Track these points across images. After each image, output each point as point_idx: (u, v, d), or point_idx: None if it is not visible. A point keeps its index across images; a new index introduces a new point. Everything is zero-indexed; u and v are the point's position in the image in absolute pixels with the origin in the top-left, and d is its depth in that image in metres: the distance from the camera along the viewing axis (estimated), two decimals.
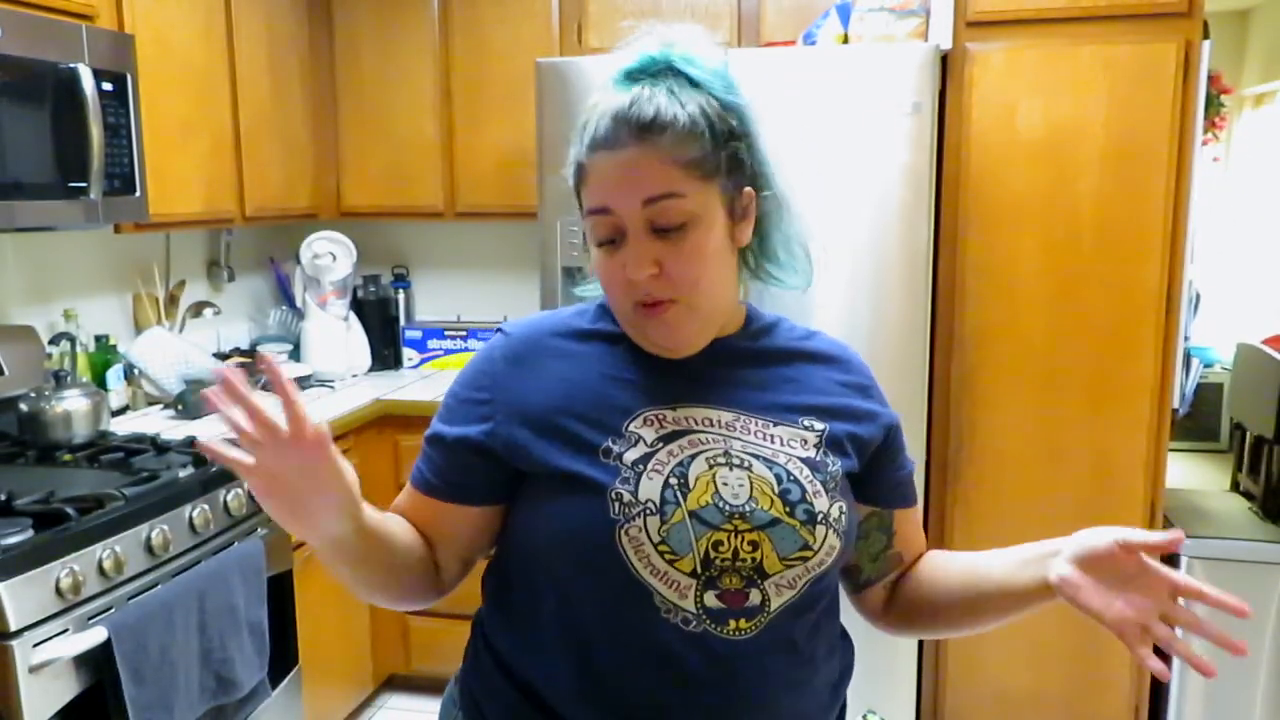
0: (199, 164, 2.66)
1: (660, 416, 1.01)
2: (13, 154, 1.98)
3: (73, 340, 2.53)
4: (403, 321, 3.54)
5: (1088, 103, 2.39)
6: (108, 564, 1.80)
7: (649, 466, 0.97)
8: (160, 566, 1.94)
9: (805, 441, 1.03)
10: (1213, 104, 3.66)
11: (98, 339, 2.69)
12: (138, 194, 2.30)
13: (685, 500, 0.96)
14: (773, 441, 1.02)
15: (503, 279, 3.51)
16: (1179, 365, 2.45)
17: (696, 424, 1.01)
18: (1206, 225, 3.91)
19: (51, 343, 2.51)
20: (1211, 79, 3.53)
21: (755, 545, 0.96)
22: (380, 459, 2.94)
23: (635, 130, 0.96)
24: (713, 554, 0.95)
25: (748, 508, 0.97)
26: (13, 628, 1.62)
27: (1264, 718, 2.55)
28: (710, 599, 0.95)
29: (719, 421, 1.02)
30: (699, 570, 0.95)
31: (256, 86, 2.89)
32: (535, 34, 3.02)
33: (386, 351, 3.48)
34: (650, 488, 0.96)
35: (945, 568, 1.14)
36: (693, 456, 0.99)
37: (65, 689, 1.72)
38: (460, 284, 3.58)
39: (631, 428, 1.00)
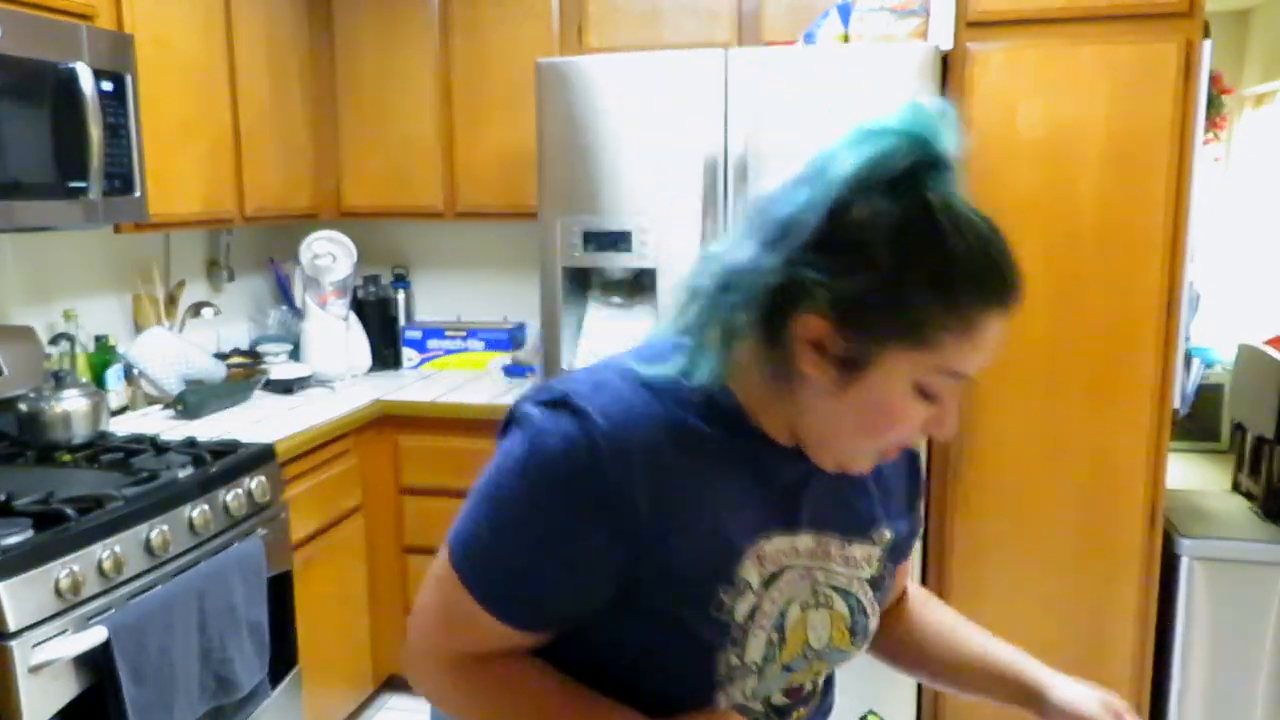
0: (199, 164, 2.66)
1: (761, 555, 0.89)
2: (12, 154, 1.98)
3: (72, 340, 2.53)
4: (403, 321, 3.54)
5: (1088, 103, 2.39)
6: (107, 564, 1.80)
7: (755, 621, 0.89)
8: (160, 567, 1.94)
9: (871, 557, 0.98)
10: (1214, 104, 3.66)
11: (97, 339, 2.69)
12: (137, 194, 2.30)
13: (780, 654, 0.91)
14: (848, 564, 0.96)
15: (503, 279, 3.51)
16: (1179, 365, 2.45)
17: (790, 558, 0.92)
18: (1207, 225, 3.91)
19: (51, 343, 2.51)
20: (1212, 79, 3.52)
21: (819, 673, 0.98)
22: (380, 459, 2.93)
23: (1018, 285, 0.82)
24: (785, 687, 0.95)
25: (827, 649, 0.95)
26: (12, 628, 1.62)
27: (1264, 718, 2.55)
28: (777, 697, 0.95)
29: (807, 551, 0.93)
30: None
31: (256, 86, 2.89)
32: (535, 34, 3.02)
33: (386, 351, 3.48)
34: (756, 647, 0.89)
35: (923, 636, 1.15)
36: (789, 602, 0.92)
37: (65, 689, 1.72)
38: (460, 284, 3.58)
39: (741, 572, 0.88)
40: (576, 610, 0.87)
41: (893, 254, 0.78)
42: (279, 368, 3.13)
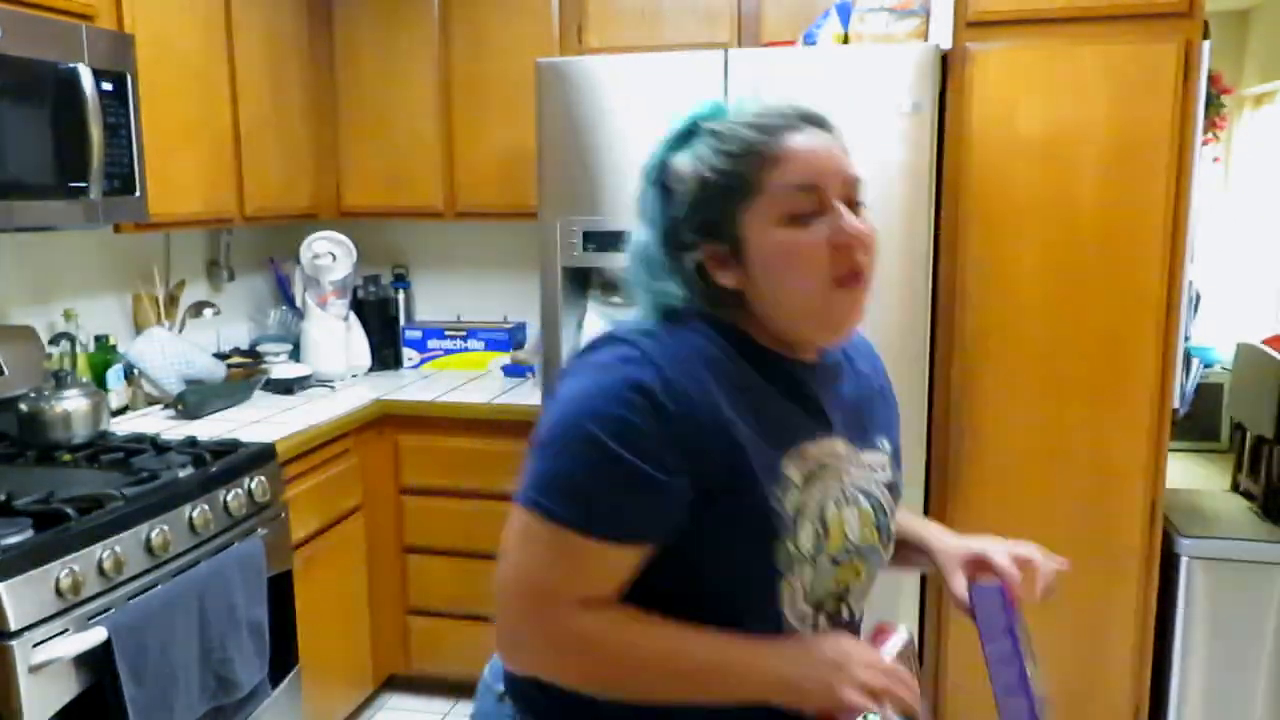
0: (199, 164, 2.66)
1: (802, 453, 1.02)
2: (13, 154, 1.98)
3: (73, 340, 2.53)
4: (403, 321, 3.54)
5: (1088, 103, 2.39)
6: (108, 564, 1.80)
7: (803, 514, 1.00)
8: (160, 566, 1.94)
9: (883, 465, 1.11)
10: (1213, 104, 3.66)
11: (98, 339, 2.69)
12: (138, 194, 2.30)
13: (827, 546, 1.02)
14: (866, 469, 1.09)
15: (503, 279, 3.51)
16: (1179, 365, 2.45)
17: (825, 459, 1.04)
18: (1206, 225, 3.91)
19: (51, 343, 2.51)
20: (1212, 79, 3.52)
21: (858, 573, 1.07)
22: (380, 459, 2.94)
23: (818, 122, 1.06)
24: (834, 588, 1.05)
25: (860, 544, 1.06)
26: (13, 628, 1.63)
27: (1264, 718, 2.55)
28: (822, 621, 1.05)
29: (837, 453, 1.06)
30: (819, 602, 1.04)
31: (256, 86, 2.89)
32: (535, 34, 3.02)
33: (386, 351, 3.48)
34: (806, 538, 1.00)
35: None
36: (825, 497, 1.03)
37: (65, 689, 1.72)
38: (460, 284, 3.58)
39: (785, 471, 1.00)
40: (670, 512, 0.96)
41: (692, 168, 1.03)
42: (279, 368, 3.13)
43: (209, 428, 2.56)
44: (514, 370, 3.32)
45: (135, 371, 2.74)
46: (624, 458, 0.93)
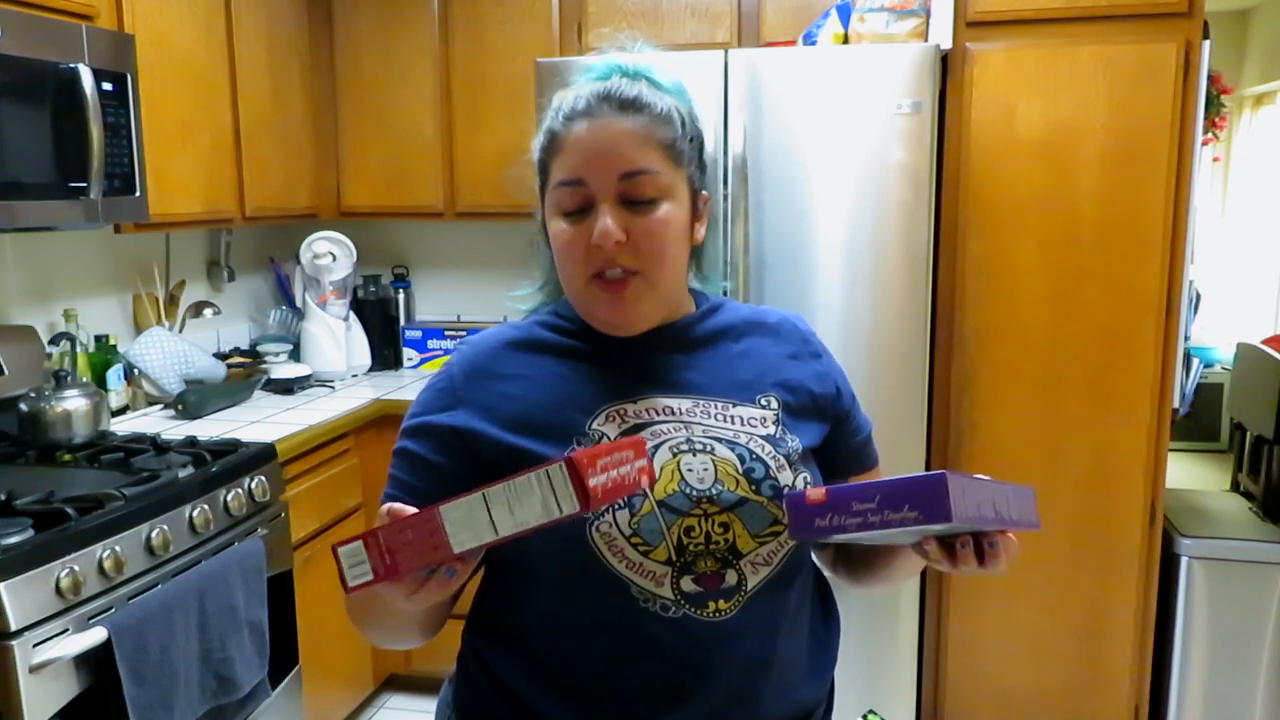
0: (199, 164, 2.66)
1: (621, 411, 1.02)
2: (13, 154, 1.98)
3: (73, 340, 2.53)
4: (403, 321, 3.54)
5: (1088, 102, 2.39)
6: (108, 564, 1.80)
7: None
8: (160, 566, 1.94)
9: (764, 420, 1.05)
10: (1213, 104, 3.67)
11: (98, 339, 2.69)
12: (138, 194, 2.30)
13: (652, 491, 0.97)
14: (732, 422, 1.03)
15: (503, 279, 3.49)
16: (1179, 365, 2.45)
17: (657, 415, 1.02)
18: (1206, 225, 3.91)
19: (51, 343, 2.51)
20: (1211, 79, 3.53)
21: (726, 526, 0.98)
22: (380, 459, 2.93)
23: (617, 105, 1.00)
24: (685, 540, 0.96)
25: (714, 490, 0.98)
26: (13, 627, 1.63)
27: (1264, 718, 2.55)
28: (687, 584, 0.96)
29: (678, 410, 1.03)
30: (674, 558, 0.96)
31: (256, 86, 2.89)
32: (535, 34, 3.02)
33: (387, 351, 3.48)
34: None
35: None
36: (656, 447, 1.00)
37: (65, 689, 1.72)
38: (460, 284, 3.58)
39: (594, 426, 1.01)
40: (435, 483, 1.01)
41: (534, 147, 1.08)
42: (279, 368, 3.13)
43: (209, 428, 2.56)
44: None
45: (135, 371, 2.74)
46: (409, 449, 1.05)
